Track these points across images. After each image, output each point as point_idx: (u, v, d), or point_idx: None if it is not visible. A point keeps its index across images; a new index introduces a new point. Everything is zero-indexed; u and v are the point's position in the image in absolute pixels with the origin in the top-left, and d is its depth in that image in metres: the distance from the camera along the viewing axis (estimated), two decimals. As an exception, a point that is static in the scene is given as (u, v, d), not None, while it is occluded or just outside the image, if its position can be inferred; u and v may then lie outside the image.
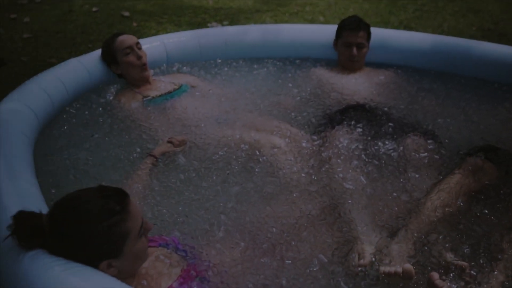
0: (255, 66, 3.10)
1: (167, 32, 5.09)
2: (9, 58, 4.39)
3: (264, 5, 6.12)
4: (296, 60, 3.18)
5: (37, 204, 1.45)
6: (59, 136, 2.25)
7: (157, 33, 5.04)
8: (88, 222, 1.24)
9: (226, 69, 3.07)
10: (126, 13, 5.68)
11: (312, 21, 5.50)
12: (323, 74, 2.94)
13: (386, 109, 2.54)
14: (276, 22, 5.42)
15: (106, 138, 2.24)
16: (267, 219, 1.70)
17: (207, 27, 5.18)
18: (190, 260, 1.52)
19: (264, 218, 1.70)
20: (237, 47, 3.19)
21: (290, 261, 1.51)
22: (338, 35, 2.94)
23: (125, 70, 2.69)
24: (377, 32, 3.03)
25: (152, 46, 3.03)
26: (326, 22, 5.44)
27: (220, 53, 3.19)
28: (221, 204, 1.79)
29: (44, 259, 1.19)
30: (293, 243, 1.59)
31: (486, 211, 1.77)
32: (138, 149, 2.14)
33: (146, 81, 2.73)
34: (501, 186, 1.91)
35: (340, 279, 1.44)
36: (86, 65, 2.71)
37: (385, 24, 5.23)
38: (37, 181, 1.70)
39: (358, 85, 2.81)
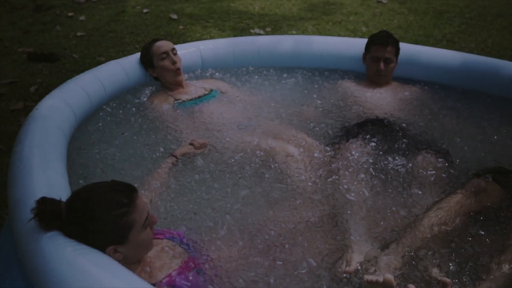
0: (284, 75, 3.23)
1: (211, 36, 5.32)
2: (62, 54, 4.72)
3: (308, 12, 6.21)
4: (325, 71, 3.28)
5: (63, 193, 1.64)
6: (93, 132, 2.47)
7: (201, 36, 5.26)
8: (98, 212, 1.42)
9: (256, 77, 3.22)
10: (174, 16, 5.93)
11: (354, 31, 5.55)
12: (349, 86, 3.03)
13: (404, 125, 2.60)
14: (318, 30, 5.51)
15: (135, 137, 2.44)
16: (268, 222, 1.83)
17: (250, 33, 5.35)
18: (191, 253, 1.68)
19: (265, 221, 1.84)
20: (269, 56, 3.33)
21: (281, 262, 1.64)
22: (367, 49, 3.02)
23: (160, 74, 2.89)
24: (406, 48, 3.10)
25: (189, 52, 3.22)
26: (369, 32, 5.45)
27: (253, 61, 3.34)
28: (229, 205, 1.94)
29: (59, 240, 1.38)
30: (287, 246, 1.71)
31: (482, 232, 1.82)
32: (162, 149, 2.32)
33: (179, 85, 2.91)
34: (503, 209, 1.95)
35: (324, 283, 1.56)
36: (125, 67, 2.93)
37: (427, 37, 5.22)
38: (67, 172, 1.90)
39: (381, 100, 2.88)
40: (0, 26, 5.82)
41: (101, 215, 1.41)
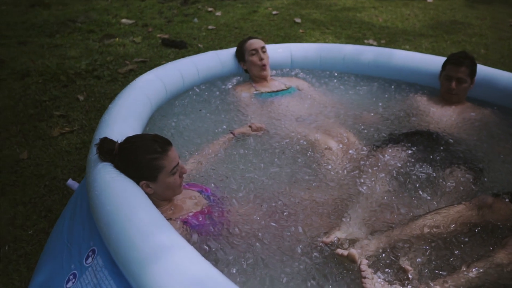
0: (362, 83, 3.49)
1: (325, 41, 5.67)
2: (191, 43, 5.45)
3: (430, 29, 6.22)
4: (403, 84, 3.47)
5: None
6: (178, 105, 3.03)
7: (316, 41, 5.64)
8: (137, 153, 1.92)
9: (335, 80, 3.53)
10: (298, 20, 6.38)
11: (472, 52, 5.47)
12: (418, 100, 3.19)
13: (451, 140, 2.72)
14: (432, 48, 5.54)
15: (208, 114, 2.95)
16: (280, 194, 2.18)
17: (363, 42, 5.59)
18: (210, 204, 2.11)
19: (279, 193, 2.19)
20: (353, 64, 3.61)
21: (274, 224, 1.99)
22: (442, 67, 3.15)
23: (249, 67, 3.37)
24: (487, 71, 3.17)
25: (281, 52, 3.66)
26: (486, 56, 5.37)
27: (338, 66, 3.65)
28: (256, 176, 2.33)
29: (107, 168, 1.90)
30: (285, 213, 2.05)
31: (467, 240, 1.96)
32: (225, 126, 2.79)
33: (263, 78, 3.36)
34: (504, 228, 2.05)
35: (299, 246, 1.87)
36: (221, 57, 3.46)
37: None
38: (142, 130, 2.46)
39: (443, 116, 3.00)
40: (150, 14, 6.82)
41: (139, 156, 1.92)
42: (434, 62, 3.38)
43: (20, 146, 3.27)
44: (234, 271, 1.75)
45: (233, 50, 3.53)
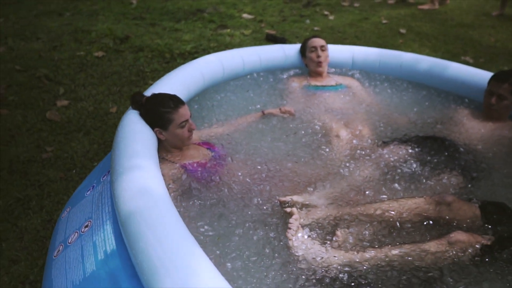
0: (411, 89, 3.67)
1: (420, 53, 5.73)
2: (291, 40, 5.95)
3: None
4: (452, 96, 3.57)
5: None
6: (232, 85, 3.53)
7: (412, 51, 5.74)
8: (155, 106, 2.48)
9: (386, 84, 3.75)
10: (403, 31, 6.48)
11: None
12: (458, 111, 3.27)
13: (462, 149, 2.83)
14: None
15: (252, 95, 3.42)
16: (269, 162, 2.57)
17: (459, 59, 5.55)
18: (211, 158, 2.60)
19: (269, 160, 2.59)
20: (408, 72, 3.79)
21: (249, 180, 2.40)
22: (488, 83, 3.22)
23: (307, 62, 3.77)
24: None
25: (344, 53, 3.99)
26: None
27: (395, 72, 3.85)
28: (259, 146, 2.75)
29: (134, 114, 2.49)
30: (263, 175, 2.44)
31: (412, 228, 2.16)
32: (258, 106, 3.24)
33: (319, 74, 3.73)
34: (456, 228, 2.16)
35: (258, 198, 2.23)
36: (287, 51, 3.90)
37: None
38: (184, 95, 3.02)
39: (472, 128, 3.07)
40: (271, 12, 7.44)
41: (156, 108, 2.47)
42: (485, 77, 3.43)
43: (113, 102, 4.08)
44: (197, 204, 2.22)
45: (298, 45, 3.94)
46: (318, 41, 3.72)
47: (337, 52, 3.96)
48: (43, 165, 3.20)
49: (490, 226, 2.21)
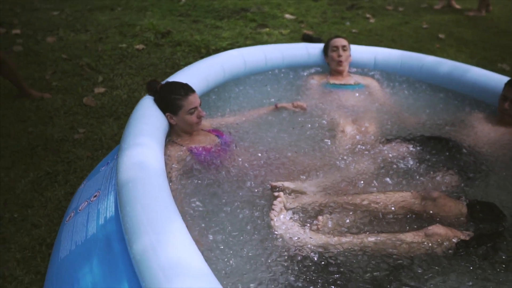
0: (428, 92, 3.71)
1: (455, 59, 5.69)
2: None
3: None
4: (469, 99, 3.58)
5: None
6: (252, 79, 3.70)
7: (447, 56, 5.71)
8: (167, 92, 2.70)
9: (405, 85, 3.81)
10: (442, 36, 6.43)
11: None
12: (471, 114, 3.29)
13: (465, 150, 2.88)
14: None
15: (269, 89, 3.59)
16: (270, 150, 2.73)
17: (495, 66, 5.47)
18: (218, 143, 2.79)
19: (271, 149, 2.75)
20: (428, 74, 3.83)
21: (247, 165, 2.57)
22: (503, 88, 3.25)
23: (329, 61, 3.89)
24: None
25: (367, 54, 4.08)
26: None
27: (415, 74, 3.90)
28: (265, 136, 2.91)
29: (149, 99, 2.73)
30: (262, 161, 2.61)
31: (394, 220, 2.25)
32: (273, 100, 3.41)
33: (339, 73, 3.84)
34: (437, 223, 2.25)
35: (252, 182, 2.39)
36: (310, 50, 4.05)
37: None
38: (202, 87, 3.24)
39: (480, 132, 3.08)
40: (314, 13, 7.55)
41: (168, 94, 2.69)
42: (503, 82, 3.43)
43: (146, 92, 4.34)
44: (195, 182, 2.42)
45: (322, 45, 4.07)
46: (340, 41, 3.83)
47: (360, 52, 4.05)
48: (74, 145, 3.50)
49: (473, 223, 2.27)
